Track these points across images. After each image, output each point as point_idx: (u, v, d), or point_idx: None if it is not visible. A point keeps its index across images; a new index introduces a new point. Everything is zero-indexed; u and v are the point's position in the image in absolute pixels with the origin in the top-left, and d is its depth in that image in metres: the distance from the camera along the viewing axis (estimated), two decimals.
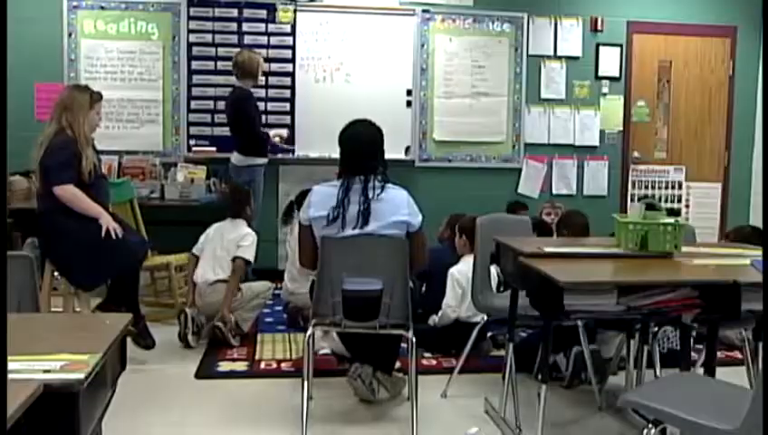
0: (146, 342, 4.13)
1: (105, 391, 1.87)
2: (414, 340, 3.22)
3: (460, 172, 6.62)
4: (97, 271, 4.03)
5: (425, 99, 6.57)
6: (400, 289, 3.22)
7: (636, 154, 6.82)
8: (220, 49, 6.26)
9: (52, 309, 4.43)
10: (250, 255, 4.61)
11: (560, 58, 6.76)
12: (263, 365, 4.16)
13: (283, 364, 4.19)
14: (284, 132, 6.13)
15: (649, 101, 6.98)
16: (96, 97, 4.11)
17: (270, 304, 5.02)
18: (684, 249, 3.09)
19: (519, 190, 6.71)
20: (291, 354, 4.38)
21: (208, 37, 6.26)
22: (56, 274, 4.28)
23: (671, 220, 3.07)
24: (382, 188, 3.27)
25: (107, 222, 3.95)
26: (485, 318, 3.82)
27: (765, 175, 4.46)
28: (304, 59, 6.39)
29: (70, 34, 6.14)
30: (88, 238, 3.96)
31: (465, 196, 6.32)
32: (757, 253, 3.28)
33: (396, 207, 3.26)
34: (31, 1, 6.07)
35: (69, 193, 3.92)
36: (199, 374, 4.02)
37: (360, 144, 3.36)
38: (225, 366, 4.13)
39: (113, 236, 3.94)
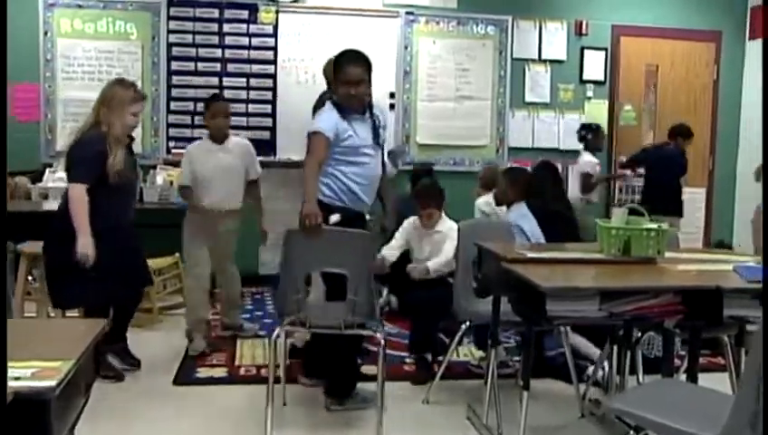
0: (129, 362, 4.10)
1: (78, 399, 1.86)
2: (384, 342, 3.23)
3: (443, 176, 6.57)
4: (78, 293, 3.74)
5: (408, 102, 6.58)
6: (365, 286, 3.23)
7: (624, 159, 6.85)
8: (201, 50, 6.25)
9: (26, 314, 4.40)
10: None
11: (544, 61, 6.80)
12: (242, 371, 4.15)
13: (263, 370, 4.17)
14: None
15: (635, 106, 7.04)
16: (137, 96, 3.86)
17: (251, 307, 5.02)
18: (667, 254, 3.11)
19: None
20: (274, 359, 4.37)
21: (188, 38, 6.24)
22: (30, 277, 4.23)
23: (654, 225, 3.09)
24: None
25: (82, 246, 3.60)
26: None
27: (765, 176, 4.49)
28: (286, 60, 6.38)
29: (46, 33, 6.10)
30: (107, 251, 3.70)
31: (449, 200, 6.30)
32: (741, 258, 3.31)
33: None
34: None
35: (75, 194, 3.67)
36: (177, 381, 3.99)
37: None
38: (203, 372, 4.11)
39: (84, 263, 3.61)
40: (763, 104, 5.86)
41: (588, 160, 6.26)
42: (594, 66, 6.87)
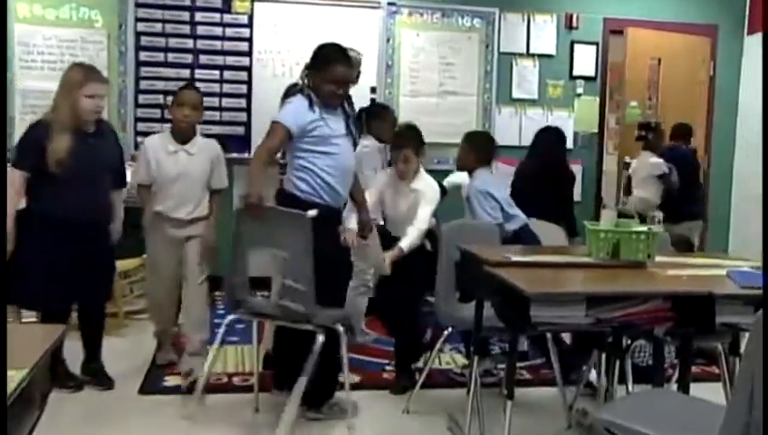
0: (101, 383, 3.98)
1: (32, 411, 1.83)
2: (321, 339, 3.26)
3: None
4: (17, 289, 3.59)
5: (390, 97, 6.57)
6: (305, 271, 3.23)
7: (629, 159, 6.85)
8: (171, 40, 6.20)
9: None
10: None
11: (532, 56, 6.82)
12: (212, 379, 4.12)
13: (234, 378, 4.16)
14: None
15: (641, 103, 7.05)
16: (90, 77, 3.73)
17: (222, 311, 4.97)
18: (657, 258, 3.13)
19: None
20: (243, 367, 4.35)
21: (158, 26, 6.19)
22: None
23: (644, 228, 3.11)
24: None
25: None
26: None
27: (765, 179, 4.53)
28: (262, 52, 6.36)
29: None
30: (41, 247, 3.66)
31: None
32: (734, 263, 3.33)
33: None
34: None
35: (8, 178, 3.60)
36: (144, 390, 3.96)
37: None
38: (171, 381, 4.08)
39: None
40: (763, 103, 5.91)
41: (656, 162, 6.18)
42: (585, 61, 6.90)
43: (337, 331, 3.37)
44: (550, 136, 5.56)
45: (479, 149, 4.31)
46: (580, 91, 6.93)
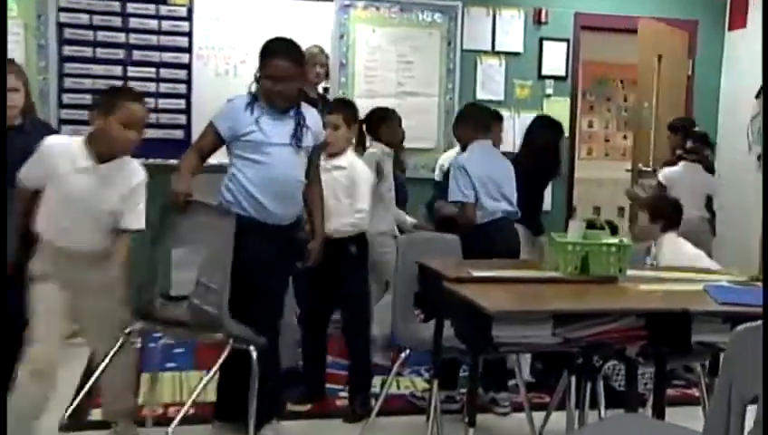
0: None
1: None
2: (229, 347, 3.22)
3: None
4: None
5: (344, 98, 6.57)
6: (220, 272, 3.22)
7: (643, 167, 6.92)
8: (100, 33, 6.10)
9: None
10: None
11: (498, 54, 6.87)
12: (145, 411, 4.05)
13: (170, 409, 4.11)
14: None
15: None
16: None
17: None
18: (630, 272, 3.17)
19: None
20: (181, 397, 4.30)
21: (84, 18, 6.08)
22: None
23: (615, 240, 3.14)
24: None
25: None
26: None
27: (765, 182, 4.61)
28: (203, 48, 6.31)
29: None
30: None
31: None
32: (712, 277, 3.39)
33: None
34: None
35: None
36: (67, 427, 3.81)
37: None
38: (98, 414, 3.98)
39: None
40: (763, 103, 6.04)
41: (712, 179, 6.21)
42: (555, 60, 6.97)
43: (249, 351, 3.32)
44: (538, 121, 5.57)
45: (473, 119, 4.44)
46: (549, 91, 6.99)
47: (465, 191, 4.22)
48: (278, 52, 3.55)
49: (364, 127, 4.88)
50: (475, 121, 4.51)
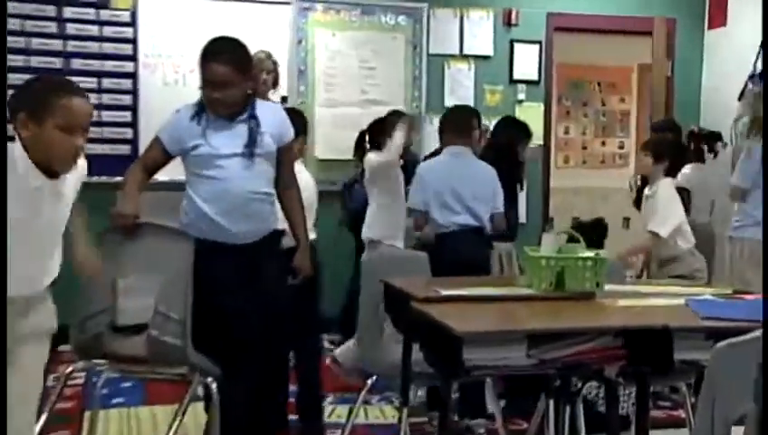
0: None
1: None
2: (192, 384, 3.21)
3: None
4: None
5: (303, 108, 6.51)
6: (180, 300, 3.18)
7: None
8: (34, 40, 6.07)
9: None
10: None
11: (467, 58, 6.92)
12: None
13: None
14: None
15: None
16: None
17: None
18: (608, 287, 3.17)
19: None
20: None
21: (15, 23, 6.00)
22: None
23: (591, 253, 3.15)
24: None
25: None
26: None
27: (766, 182, 4.66)
28: (149, 56, 6.30)
29: None
30: None
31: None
32: (694, 290, 3.40)
33: None
34: None
35: None
36: None
37: None
38: None
39: None
40: (764, 103, 6.07)
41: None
42: (526, 63, 7.02)
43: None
44: (503, 121, 5.68)
45: (451, 123, 4.52)
46: (521, 96, 7.04)
47: (415, 200, 4.38)
48: (217, 54, 3.41)
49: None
50: (452, 126, 4.56)
